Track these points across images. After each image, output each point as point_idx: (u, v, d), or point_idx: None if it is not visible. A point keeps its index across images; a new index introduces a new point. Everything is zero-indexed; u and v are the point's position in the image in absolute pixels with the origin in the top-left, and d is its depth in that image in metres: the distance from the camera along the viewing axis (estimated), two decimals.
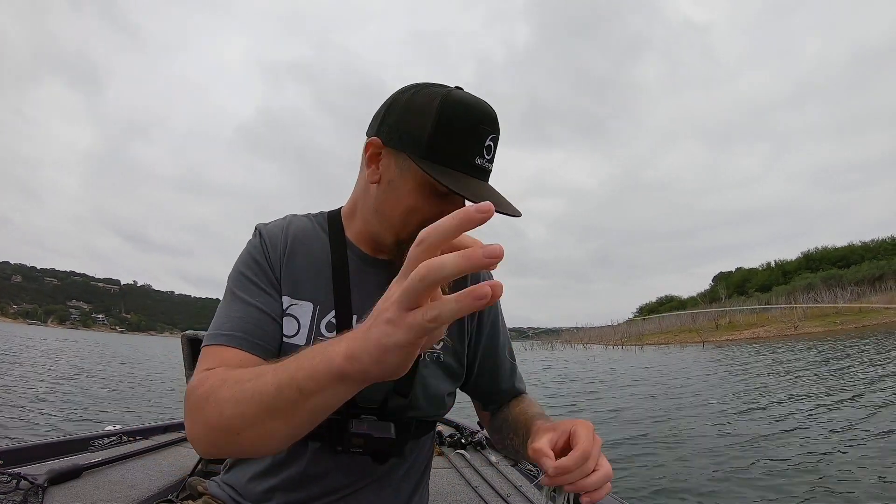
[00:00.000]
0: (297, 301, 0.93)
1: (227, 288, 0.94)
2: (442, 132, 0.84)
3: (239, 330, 0.86)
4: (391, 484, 0.98)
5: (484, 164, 0.87)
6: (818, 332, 37.98)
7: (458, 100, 0.85)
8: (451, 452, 2.32)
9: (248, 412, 0.65)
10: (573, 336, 79.93)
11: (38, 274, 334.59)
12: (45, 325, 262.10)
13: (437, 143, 0.84)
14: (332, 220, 1.04)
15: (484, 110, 0.86)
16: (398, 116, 0.89)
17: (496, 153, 0.90)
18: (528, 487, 1.82)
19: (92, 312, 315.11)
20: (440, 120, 0.84)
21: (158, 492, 1.64)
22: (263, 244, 0.96)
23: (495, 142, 0.88)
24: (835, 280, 57.73)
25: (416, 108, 0.87)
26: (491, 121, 0.87)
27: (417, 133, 0.85)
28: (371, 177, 0.93)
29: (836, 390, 9.94)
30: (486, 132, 0.86)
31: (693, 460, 5.63)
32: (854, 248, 76.98)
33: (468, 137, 0.85)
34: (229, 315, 0.88)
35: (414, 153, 0.85)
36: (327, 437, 0.91)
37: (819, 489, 4.39)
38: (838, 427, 6.70)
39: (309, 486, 0.92)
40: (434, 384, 0.99)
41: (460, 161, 0.85)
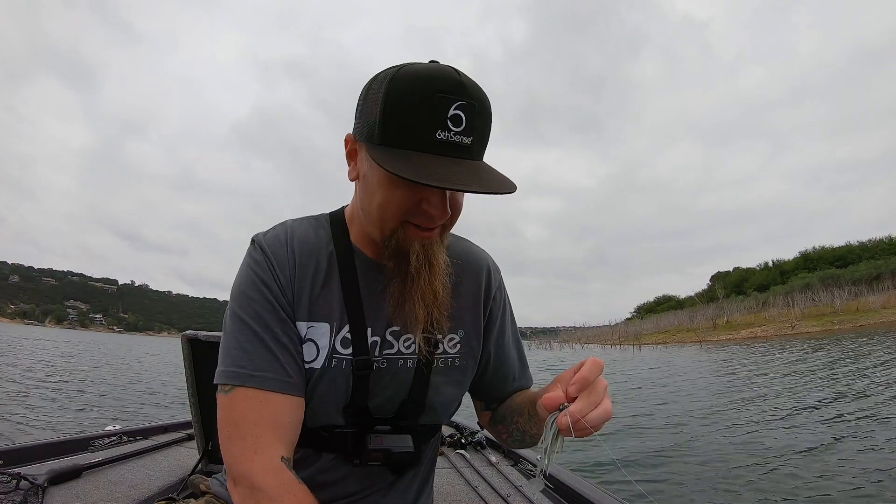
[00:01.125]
0: (314, 323, 0.88)
1: (235, 313, 0.86)
2: (391, 111, 0.75)
3: (271, 371, 0.82)
4: (400, 487, 0.98)
5: (451, 137, 0.74)
6: (815, 332, 38.02)
7: (409, 72, 0.76)
8: (451, 452, 2.32)
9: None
10: (571, 336, 79.85)
11: (36, 274, 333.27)
12: (42, 325, 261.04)
13: (387, 124, 0.75)
14: (336, 223, 0.97)
15: (442, 76, 0.75)
16: (361, 106, 0.83)
17: (480, 126, 0.78)
18: (529, 487, 1.82)
19: (89, 312, 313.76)
20: (387, 98, 0.75)
21: (158, 491, 1.63)
22: (270, 264, 0.88)
23: (468, 110, 0.75)
24: (832, 280, 57.71)
25: (372, 92, 0.79)
26: (453, 87, 0.74)
27: (371, 119, 0.78)
28: (350, 174, 0.89)
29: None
30: (447, 100, 0.73)
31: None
32: (851, 247, 76.97)
33: (422, 110, 0.73)
34: (246, 349, 0.83)
35: (371, 141, 0.78)
36: (342, 449, 0.90)
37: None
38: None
39: (317, 491, 0.89)
40: (447, 390, 0.98)
41: (417, 139, 0.74)
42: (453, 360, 0.98)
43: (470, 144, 0.76)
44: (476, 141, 0.77)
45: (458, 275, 1.01)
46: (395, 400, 0.93)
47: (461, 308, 1.00)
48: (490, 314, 1.06)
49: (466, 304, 1.01)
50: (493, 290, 1.06)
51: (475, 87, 0.77)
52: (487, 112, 0.79)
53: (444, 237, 0.89)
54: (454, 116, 0.74)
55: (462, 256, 1.03)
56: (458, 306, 0.99)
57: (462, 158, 0.76)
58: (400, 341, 0.92)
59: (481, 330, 1.04)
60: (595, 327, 78.95)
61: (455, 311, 0.97)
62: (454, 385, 1.00)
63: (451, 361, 0.98)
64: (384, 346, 0.91)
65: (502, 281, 1.12)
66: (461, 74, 0.76)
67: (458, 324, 0.99)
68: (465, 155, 0.76)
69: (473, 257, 1.06)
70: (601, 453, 5.63)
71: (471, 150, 0.77)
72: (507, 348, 1.10)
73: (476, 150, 0.78)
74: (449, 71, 0.76)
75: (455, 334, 0.99)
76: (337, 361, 0.88)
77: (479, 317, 1.03)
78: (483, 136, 0.79)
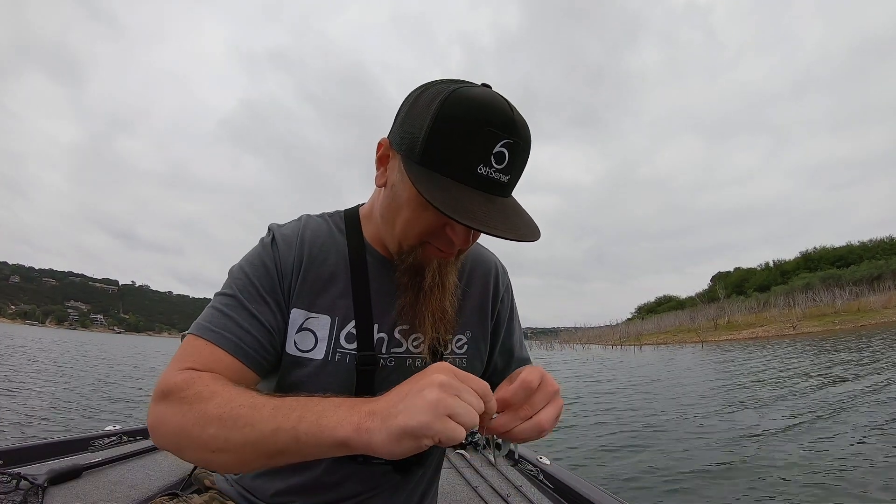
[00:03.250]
0: (314, 315, 0.88)
1: (227, 281, 0.88)
2: (438, 133, 0.72)
3: (230, 332, 0.81)
4: (406, 488, 0.97)
5: (491, 174, 0.73)
6: (817, 332, 38.00)
7: (464, 96, 0.73)
8: (451, 452, 2.31)
9: (234, 439, 0.66)
10: (571, 336, 79.89)
11: (37, 274, 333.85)
12: (43, 325, 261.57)
13: (431, 145, 0.73)
14: (350, 220, 0.98)
15: (496, 110, 0.72)
16: (404, 115, 0.80)
17: (520, 165, 0.76)
18: (528, 487, 1.82)
19: (90, 313, 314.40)
20: (437, 119, 0.72)
21: (159, 491, 1.63)
22: (275, 250, 0.89)
23: (513, 150, 0.73)
24: (833, 280, 57.73)
25: (420, 105, 0.76)
26: (504, 124, 0.72)
27: (416, 134, 0.75)
28: (378, 179, 0.87)
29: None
30: (496, 136, 0.71)
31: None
32: (852, 247, 77.05)
33: (469, 140, 0.71)
34: (223, 311, 0.83)
35: (410, 156, 0.76)
36: None
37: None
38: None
39: (324, 492, 0.91)
40: None
41: (457, 168, 0.72)
42: (460, 360, 0.98)
43: (506, 183, 0.75)
44: (513, 179, 0.77)
45: (467, 276, 1.01)
46: None
47: (469, 309, 1.00)
48: (498, 316, 1.06)
49: (474, 305, 1.01)
50: (500, 292, 1.07)
51: (524, 126, 0.75)
52: (528, 150, 0.77)
53: (459, 259, 0.90)
54: (499, 153, 0.72)
55: (470, 258, 1.03)
56: (466, 308, 0.99)
57: (495, 196, 0.75)
58: (409, 340, 0.92)
59: (489, 332, 1.04)
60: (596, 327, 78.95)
61: (463, 313, 0.98)
62: None
63: (458, 362, 0.97)
64: (392, 344, 0.91)
65: (510, 283, 1.12)
66: (514, 110, 0.74)
67: (466, 325, 0.99)
68: (499, 192, 0.76)
69: (482, 259, 1.07)
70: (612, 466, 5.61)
71: (505, 187, 0.76)
72: (514, 350, 1.10)
73: (510, 188, 0.78)
74: (503, 104, 0.74)
75: (462, 335, 0.99)
76: (341, 356, 0.88)
77: (487, 319, 1.03)
78: (519, 174, 0.78)
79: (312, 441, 0.63)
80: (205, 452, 0.68)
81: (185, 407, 0.70)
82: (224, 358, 0.79)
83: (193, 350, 0.79)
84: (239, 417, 0.66)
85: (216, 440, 0.66)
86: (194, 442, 0.68)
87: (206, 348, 0.79)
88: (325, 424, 0.63)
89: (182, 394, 0.71)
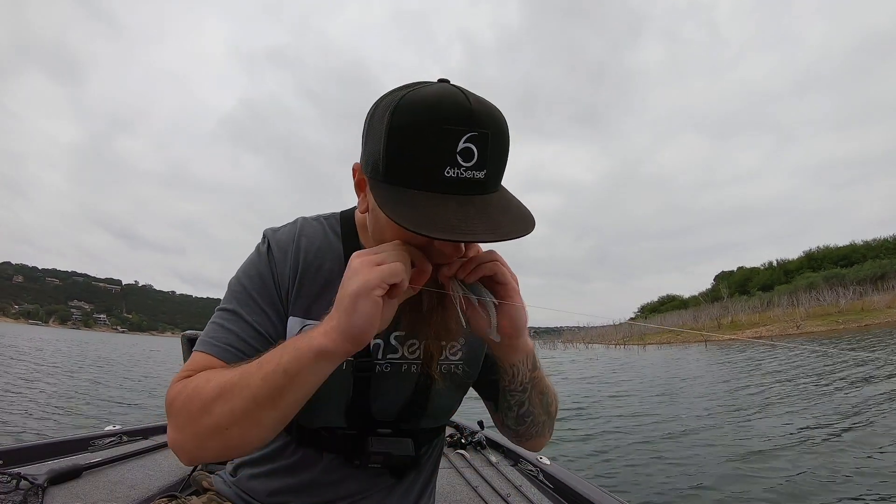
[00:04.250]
0: (311, 321, 0.88)
1: (227, 295, 0.90)
2: (395, 146, 0.68)
3: (231, 345, 0.83)
4: (401, 489, 0.97)
5: (462, 174, 0.67)
6: (821, 332, 37.90)
7: (414, 100, 0.68)
8: (451, 452, 2.32)
9: (237, 406, 0.69)
10: (575, 336, 79.75)
11: (40, 274, 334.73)
12: (46, 325, 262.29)
13: (391, 160, 0.69)
14: (346, 224, 0.97)
15: (450, 105, 0.67)
16: (365, 136, 0.76)
17: (495, 157, 0.70)
18: (528, 487, 1.82)
19: (93, 312, 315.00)
20: (391, 131, 0.68)
21: (159, 491, 1.63)
22: (271, 257, 0.90)
23: (481, 142, 0.67)
24: (837, 279, 57.50)
25: (375, 122, 0.72)
26: (462, 117, 0.66)
27: (376, 153, 0.71)
28: (360, 206, 0.84)
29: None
30: (456, 133, 0.66)
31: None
32: (856, 246, 76.63)
33: (427, 145, 0.66)
34: (224, 326, 0.85)
35: (375, 177, 0.72)
36: (344, 450, 0.91)
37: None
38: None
39: (319, 492, 0.91)
40: (448, 396, 0.98)
41: (423, 177, 0.67)
42: (455, 366, 0.97)
43: (483, 179, 0.69)
44: (491, 173, 0.70)
45: None
46: (397, 404, 0.93)
47: None
48: None
49: None
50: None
51: (487, 113, 0.69)
52: (504, 139, 0.72)
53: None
54: (464, 150, 0.66)
55: None
56: None
57: (474, 195, 0.69)
58: (405, 346, 0.91)
59: None
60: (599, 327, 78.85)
61: None
62: (455, 390, 0.99)
63: (454, 368, 0.97)
64: (388, 350, 0.91)
65: None
66: (471, 99, 0.68)
67: None
68: (478, 190, 0.69)
69: None
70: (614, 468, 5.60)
71: (484, 184, 0.70)
72: None
73: (491, 183, 0.71)
74: (457, 97, 0.68)
75: (455, 342, 0.98)
76: None
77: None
78: (500, 166, 0.73)
79: (296, 366, 0.68)
80: (222, 435, 0.71)
81: (187, 404, 0.74)
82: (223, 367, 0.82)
83: (196, 365, 0.82)
84: (233, 385, 0.71)
85: (224, 416, 0.70)
86: (208, 429, 0.72)
87: (207, 361, 0.82)
88: (300, 346, 0.69)
89: (182, 396, 0.75)
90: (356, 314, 0.65)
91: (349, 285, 0.66)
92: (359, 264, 0.67)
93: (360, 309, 0.65)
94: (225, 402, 0.70)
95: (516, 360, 0.89)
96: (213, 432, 0.71)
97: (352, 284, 0.66)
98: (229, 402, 0.70)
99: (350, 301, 0.65)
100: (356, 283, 0.65)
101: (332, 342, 0.67)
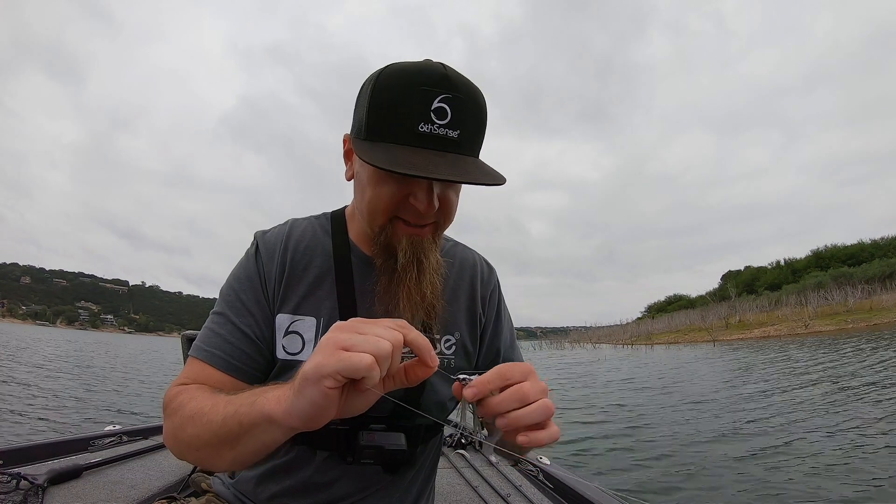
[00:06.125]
0: (300, 317, 0.90)
1: (218, 299, 0.93)
2: (376, 106, 0.76)
3: (220, 349, 0.86)
4: (399, 488, 0.97)
5: (434, 130, 0.74)
6: (829, 331, 37.70)
7: (396, 68, 0.77)
8: (451, 452, 2.32)
9: (202, 435, 0.72)
10: (582, 335, 79.64)
11: (47, 275, 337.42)
12: (53, 325, 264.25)
13: (372, 119, 0.77)
14: (336, 221, 1.00)
15: (428, 70, 0.75)
16: (355, 106, 0.84)
17: (469, 121, 0.77)
18: (528, 487, 1.81)
19: (100, 313, 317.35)
20: (373, 94, 0.77)
21: (158, 491, 1.64)
22: (258, 258, 0.93)
23: (453, 103, 0.74)
24: (845, 278, 57.21)
25: (363, 91, 0.81)
26: (437, 79, 0.74)
27: (360, 115, 0.80)
28: (347, 173, 0.91)
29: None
30: (431, 93, 0.73)
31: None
32: (864, 245, 76.31)
33: (404, 103, 0.74)
34: (213, 330, 0.88)
35: (358, 136, 0.80)
36: (336, 447, 0.90)
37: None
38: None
39: (315, 492, 0.91)
40: (442, 391, 0.97)
41: (399, 133, 0.75)
42: (449, 361, 0.98)
43: (457, 138, 0.76)
44: (465, 136, 0.77)
45: (455, 278, 1.03)
46: (390, 398, 0.92)
47: (456, 310, 1.01)
48: (483, 317, 1.06)
49: (461, 306, 1.02)
50: (486, 292, 1.07)
51: (462, 81, 0.76)
52: (477, 106, 0.78)
53: (437, 237, 0.88)
54: (438, 109, 0.73)
55: (457, 259, 1.04)
56: (454, 309, 1.00)
57: (448, 152, 0.75)
58: None
59: (477, 332, 1.04)
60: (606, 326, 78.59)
61: (450, 314, 0.98)
62: (449, 385, 0.98)
63: (447, 363, 0.98)
64: None
65: (497, 283, 1.11)
66: (448, 68, 0.76)
67: (454, 326, 1.00)
68: (452, 149, 0.76)
69: (468, 260, 1.07)
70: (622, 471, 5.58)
71: (458, 143, 0.76)
72: (502, 351, 1.09)
73: (465, 145, 0.77)
74: (435, 65, 0.76)
75: (451, 336, 0.99)
76: None
77: (475, 319, 1.04)
78: (475, 132, 0.79)
79: (248, 420, 0.66)
80: (193, 452, 0.75)
81: (174, 416, 0.78)
82: (215, 374, 0.85)
83: (191, 371, 0.86)
84: (203, 414, 0.72)
85: (193, 439, 0.73)
86: (184, 444, 0.76)
87: (200, 367, 0.86)
88: (257, 403, 0.65)
89: (171, 405, 0.79)
90: (301, 398, 0.59)
91: (306, 364, 0.59)
92: (324, 343, 0.60)
93: (305, 395, 0.59)
94: (194, 427, 0.72)
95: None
96: (187, 448, 0.76)
97: (307, 364, 0.59)
98: (197, 428, 0.72)
99: (300, 382, 0.60)
100: (309, 364, 0.59)
101: (281, 414, 0.62)
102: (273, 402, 0.63)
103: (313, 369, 0.57)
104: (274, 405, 0.63)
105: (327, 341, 0.59)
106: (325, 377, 0.57)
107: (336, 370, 0.56)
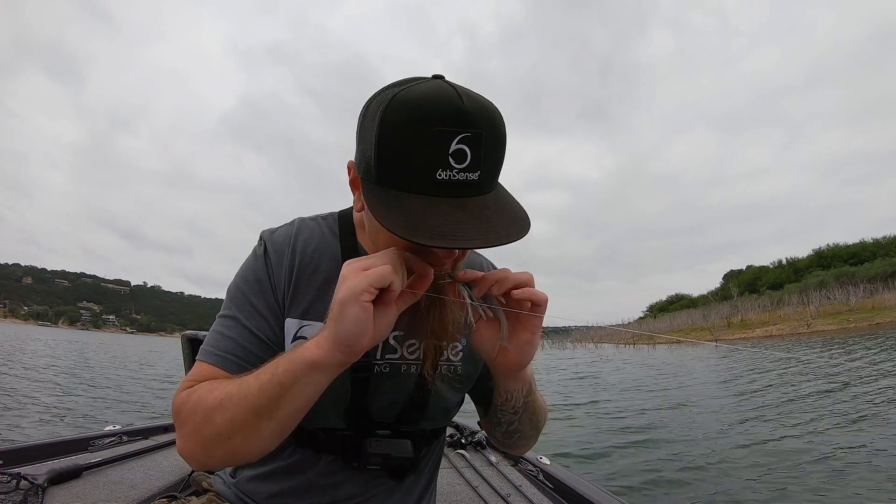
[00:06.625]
0: (308, 322, 0.88)
1: (226, 301, 0.90)
2: (386, 147, 0.67)
3: (231, 353, 0.84)
4: (401, 491, 0.97)
5: (455, 175, 0.65)
6: (832, 330, 37.63)
7: (405, 99, 0.66)
8: (451, 452, 2.31)
9: (237, 416, 0.70)
10: (584, 335, 79.52)
11: (49, 276, 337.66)
12: (55, 326, 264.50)
13: (383, 162, 0.68)
14: (344, 222, 0.97)
15: (441, 105, 0.65)
16: (358, 135, 0.75)
17: (490, 157, 0.68)
18: (528, 487, 1.81)
19: (102, 314, 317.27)
20: (382, 132, 0.67)
21: (159, 491, 1.64)
22: (267, 260, 0.90)
23: (475, 143, 0.65)
24: (847, 278, 57.08)
25: (367, 121, 0.71)
26: (454, 117, 0.64)
27: (368, 153, 0.70)
28: (356, 204, 0.85)
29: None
30: (449, 134, 0.64)
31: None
32: (866, 244, 76.06)
33: (418, 146, 0.65)
34: (224, 333, 0.86)
35: (368, 178, 0.72)
36: (342, 452, 0.90)
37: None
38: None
39: (318, 494, 0.91)
40: (448, 397, 0.97)
41: (415, 180, 0.66)
42: (455, 367, 0.97)
43: (477, 180, 0.67)
44: (486, 173, 0.68)
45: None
46: (397, 404, 0.92)
47: None
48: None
49: None
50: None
51: (482, 112, 0.67)
52: (497, 137, 0.69)
53: (455, 268, 0.84)
54: (457, 152, 0.65)
55: (464, 263, 1.01)
56: None
57: (467, 197, 0.68)
58: (404, 346, 0.91)
59: None
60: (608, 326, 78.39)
61: None
62: (455, 391, 0.99)
63: (454, 369, 0.97)
64: (386, 350, 0.90)
65: None
66: (464, 98, 0.66)
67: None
68: (472, 192, 0.68)
69: (475, 264, 1.05)
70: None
71: (479, 185, 0.68)
72: None
73: (485, 184, 0.69)
74: (450, 96, 0.66)
75: (458, 342, 0.97)
76: None
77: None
78: (494, 166, 0.71)
79: (290, 377, 0.68)
80: (225, 444, 0.73)
81: (193, 415, 0.76)
82: (224, 377, 0.83)
83: (200, 375, 0.83)
84: (233, 395, 0.72)
85: (225, 426, 0.72)
86: (212, 439, 0.73)
87: (210, 371, 0.83)
88: (294, 357, 0.69)
89: (186, 407, 0.77)
90: (344, 321, 0.64)
91: (337, 293, 0.66)
92: (347, 271, 0.67)
93: (347, 316, 0.64)
94: (225, 412, 0.71)
95: (513, 388, 0.89)
96: (217, 441, 0.73)
97: (339, 292, 0.65)
98: (229, 412, 0.71)
99: (338, 309, 0.65)
100: (343, 289, 0.65)
101: (323, 352, 0.67)
102: (313, 347, 0.68)
103: (347, 290, 0.64)
104: (315, 350, 0.68)
105: (348, 270, 0.67)
106: (361, 292, 0.63)
107: (369, 283, 0.63)
